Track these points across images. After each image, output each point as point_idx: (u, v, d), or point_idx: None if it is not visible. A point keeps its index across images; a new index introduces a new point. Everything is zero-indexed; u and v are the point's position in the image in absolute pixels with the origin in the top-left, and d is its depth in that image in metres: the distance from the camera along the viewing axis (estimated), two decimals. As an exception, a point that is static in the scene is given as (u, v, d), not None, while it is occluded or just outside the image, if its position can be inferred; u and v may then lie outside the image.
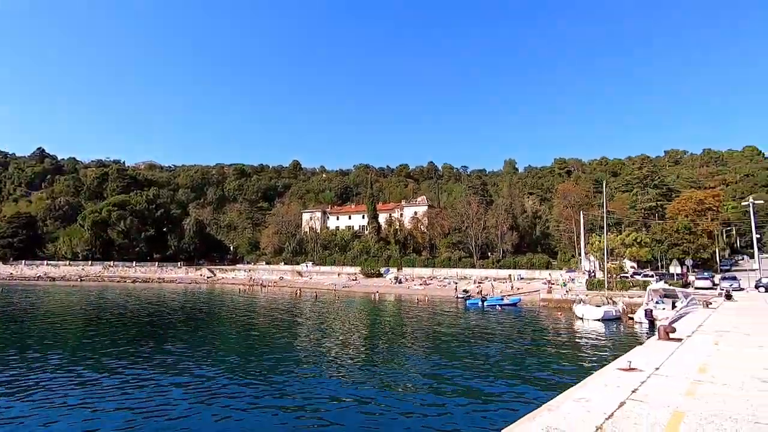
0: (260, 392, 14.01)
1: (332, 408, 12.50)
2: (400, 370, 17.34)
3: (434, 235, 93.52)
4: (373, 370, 17.46)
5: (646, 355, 10.64)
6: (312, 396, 13.63)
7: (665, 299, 31.86)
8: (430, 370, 17.33)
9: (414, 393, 14.16)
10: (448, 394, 13.87)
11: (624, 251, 63.16)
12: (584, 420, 5.73)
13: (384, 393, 14.09)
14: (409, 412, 12.20)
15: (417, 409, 12.42)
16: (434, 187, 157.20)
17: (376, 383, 15.34)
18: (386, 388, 14.73)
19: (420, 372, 17.06)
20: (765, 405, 6.62)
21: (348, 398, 13.44)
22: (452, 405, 12.81)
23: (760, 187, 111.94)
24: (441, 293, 57.33)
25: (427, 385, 15.22)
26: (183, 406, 12.48)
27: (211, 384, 14.91)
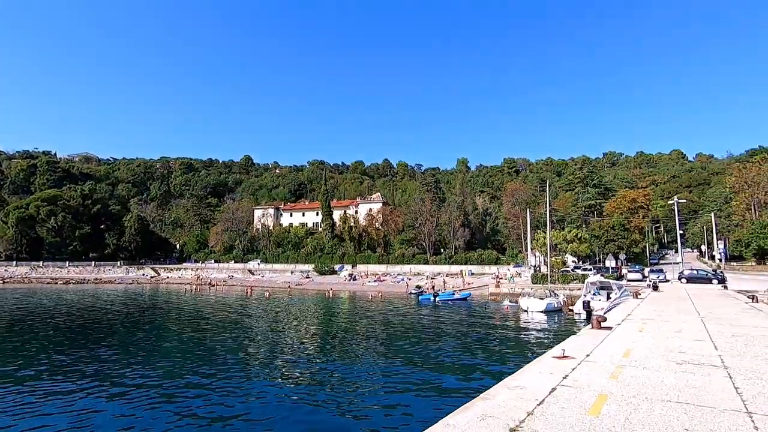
0: (203, 398, 13.45)
1: (281, 409, 12.26)
2: (352, 367, 17.33)
3: (389, 232, 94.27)
4: (325, 367, 17.33)
5: (579, 343, 11.33)
6: (261, 398, 13.28)
7: (601, 291, 34.03)
8: (381, 366, 17.46)
9: (364, 389, 14.21)
10: (397, 389, 14.04)
11: (566, 247, 67.02)
12: (517, 407, 6.00)
13: (335, 389, 14.02)
14: (358, 407, 12.23)
15: (366, 405, 12.46)
16: (389, 185, 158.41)
17: (327, 380, 15.23)
18: (337, 384, 14.67)
19: (371, 367, 17.15)
20: (677, 386, 7.25)
21: (298, 398, 13.24)
22: (399, 398, 12.98)
23: (684, 188, 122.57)
24: (395, 290, 57.91)
25: (378, 379, 15.32)
26: (105, 418, 11.62)
27: (147, 392, 14.10)
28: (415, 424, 10.51)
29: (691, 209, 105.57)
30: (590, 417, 5.59)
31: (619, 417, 5.61)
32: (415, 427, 10.08)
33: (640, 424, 5.38)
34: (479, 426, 5.25)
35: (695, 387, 7.12)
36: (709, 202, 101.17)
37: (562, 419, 5.52)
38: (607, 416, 5.64)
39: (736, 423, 5.44)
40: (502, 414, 5.69)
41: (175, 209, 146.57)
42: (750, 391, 6.90)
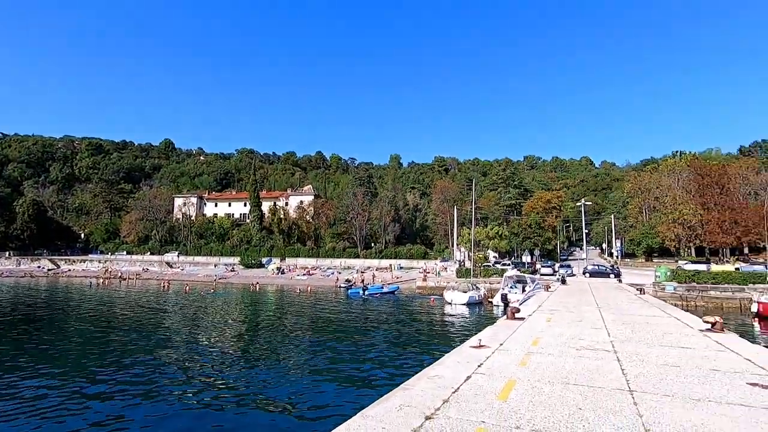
0: (107, 402, 12.29)
1: (199, 410, 11.58)
2: (276, 362, 16.89)
3: (320, 225, 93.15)
4: (247, 363, 16.69)
5: (494, 333, 12.07)
6: (178, 400, 12.43)
7: (517, 284, 36.63)
8: (307, 360, 17.23)
9: (288, 384, 13.90)
10: (323, 383, 13.95)
11: (488, 243, 71.11)
12: (434, 395, 6.23)
13: (257, 386, 13.56)
14: (282, 402, 11.94)
15: (289, 400, 12.21)
16: (322, 178, 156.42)
17: (249, 377, 14.68)
18: (260, 380, 14.20)
19: (296, 362, 16.85)
20: (575, 370, 8.01)
21: (218, 396, 12.59)
22: (324, 393, 12.91)
23: (591, 191, 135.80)
24: (324, 283, 57.44)
25: (303, 374, 15.08)
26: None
27: (37, 401, 12.58)
28: (338, 417, 10.51)
29: (595, 211, 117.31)
30: (499, 402, 5.97)
31: (524, 400, 6.06)
32: (338, 420, 10.10)
33: (541, 405, 5.86)
34: (396, 415, 5.37)
35: (590, 370, 7.92)
36: (611, 205, 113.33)
37: (474, 405, 5.83)
38: (514, 400, 6.06)
39: (620, 400, 6.14)
40: (419, 403, 5.87)
41: (80, 195, 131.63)
42: (632, 372, 7.83)
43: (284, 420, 10.81)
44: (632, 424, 5.19)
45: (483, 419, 5.29)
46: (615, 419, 5.36)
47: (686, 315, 17.27)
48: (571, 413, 5.56)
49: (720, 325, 12.61)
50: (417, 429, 4.94)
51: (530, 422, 5.21)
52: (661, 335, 12.05)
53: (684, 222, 69.20)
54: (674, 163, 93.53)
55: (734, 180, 77.80)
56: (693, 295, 34.94)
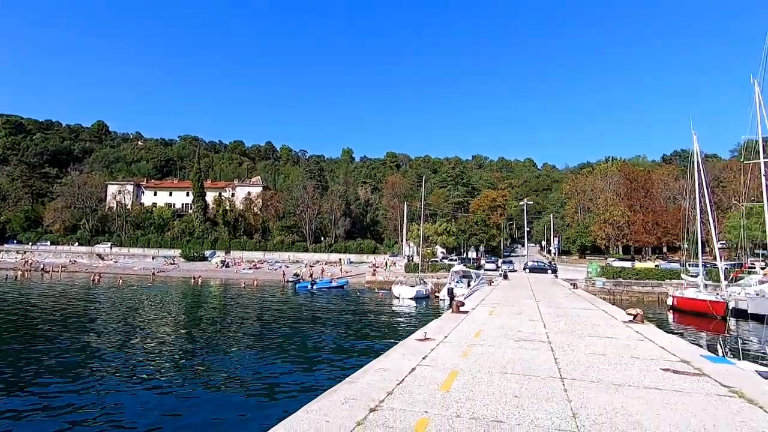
0: (28, 404, 11.22)
1: (134, 411, 10.88)
2: (219, 359, 16.26)
3: (268, 217, 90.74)
4: (186, 360, 15.92)
5: (439, 326, 12.42)
6: (101, 409, 11.59)
7: (463, 279, 37.85)
8: (252, 356, 16.76)
9: (231, 381, 13.44)
10: (268, 379, 13.63)
11: (436, 239, 72.84)
12: (379, 387, 6.30)
13: (197, 383, 12.97)
14: (224, 400, 11.53)
15: (233, 397, 11.82)
16: (271, 169, 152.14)
17: (188, 374, 14.01)
18: (201, 378, 13.60)
19: (240, 358, 16.32)
20: (513, 360, 8.45)
21: (154, 395, 11.90)
22: (270, 389, 12.63)
23: (533, 191, 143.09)
24: (271, 277, 56.13)
25: (247, 370, 14.65)
26: None
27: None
28: (283, 413, 10.34)
29: (536, 210, 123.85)
30: (442, 392, 6.16)
31: (465, 390, 6.29)
32: (283, 417, 9.93)
33: (481, 394, 6.11)
34: (341, 409, 5.37)
35: (526, 360, 8.38)
36: (550, 205, 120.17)
37: (418, 396, 5.97)
38: (456, 390, 6.28)
39: (552, 387, 6.55)
40: (364, 395, 5.91)
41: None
42: (564, 360, 8.39)
43: (225, 418, 10.46)
44: (562, 409, 5.56)
45: (426, 409, 5.43)
46: (547, 405, 5.71)
47: (613, 308, 18.76)
48: (508, 401, 5.85)
49: (640, 317, 13.83)
50: (361, 421, 4.97)
51: (470, 410, 5.42)
52: (590, 326, 12.99)
53: (614, 222, 74.95)
54: (607, 167, 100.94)
55: (657, 185, 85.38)
56: (619, 289, 38.01)
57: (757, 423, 5.19)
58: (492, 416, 5.26)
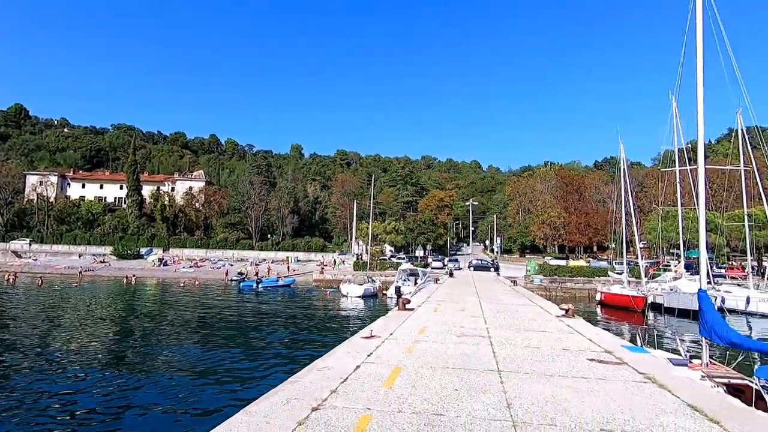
0: None
1: (60, 422, 9.95)
2: (154, 362, 15.32)
3: (211, 213, 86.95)
4: (118, 366, 14.82)
5: (385, 323, 12.55)
6: (24, 421, 10.51)
7: (410, 277, 38.52)
8: (191, 358, 15.96)
9: (168, 385, 12.70)
10: (209, 382, 13.05)
11: (385, 237, 73.51)
12: (323, 386, 6.25)
13: (132, 389, 12.12)
14: (158, 404, 10.87)
15: (168, 401, 11.18)
16: (215, 163, 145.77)
17: (120, 380, 13.05)
18: (134, 382, 12.73)
19: (178, 361, 15.49)
20: (455, 354, 8.72)
21: (81, 404, 10.95)
22: (211, 392, 12.10)
23: (479, 192, 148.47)
24: (214, 276, 53.84)
25: (185, 373, 13.92)
26: None
27: None
28: (223, 417, 9.96)
29: (481, 210, 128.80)
30: (385, 389, 6.23)
31: (407, 386, 6.41)
32: (222, 420, 9.56)
33: (423, 389, 6.26)
34: (282, 409, 5.27)
35: (467, 355, 8.69)
36: (494, 205, 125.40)
37: (361, 393, 5.99)
38: (399, 386, 6.38)
39: (490, 380, 6.85)
40: (307, 395, 5.83)
41: None
42: (502, 354, 8.80)
43: (161, 423, 9.88)
44: (498, 400, 5.83)
45: (369, 406, 5.47)
46: (484, 397, 5.96)
47: (548, 303, 19.95)
48: (448, 394, 6.04)
49: (572, 312, 14.82)
50: (303, 421, 4.91)
51: (411, 406, 5.53)
52: (527, 321, 13.73)
53: (551, 223, 79.74)
54: (545, 171, 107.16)
55: (589, 189, 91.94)
56: (555, 286, 40.52)
57: (666, 405, 5.76)
58: (433, 410, 5.40)
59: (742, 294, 28.77)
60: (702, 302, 10.09)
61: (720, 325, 9.56)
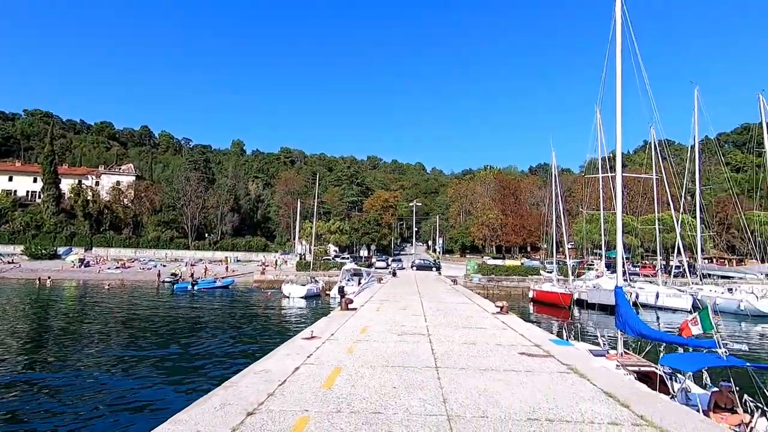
0: None
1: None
2: (73, 372, 13.96)
3: (142, 210, 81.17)
4: (29, 379, 13.33)
5: (327, 324, 12.45)
6: None
7: (354, 277, 38.48)
8: (118, 366, 14.76)
9: (89, 397, 11.64)
10: (136, 390, 12.14)
11: (330, 237, 72.89)
12: (259, 390, 6.07)
13: (48, 403, 10.95)
14: (79, 417, 9.93)
15: (89, 414, 10.25)
16: (147, 157, 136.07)
17: (33, 395, 11.75)
18: (52, 397, 11.51)
19: (102, 371, 14.25)
20: (395, 353, 8.87)
21: None
22: (135, 403, 11.27)
23: (422, 193, 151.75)
24: (144, 277, 50.31)
25: (109, 384, 12.84)
26: None
27: None
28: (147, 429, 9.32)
29: (425, 211, 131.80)
30: (324, 390, 6.19)
31: (347, 386, 6.41)
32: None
33: (362, 388, 6.29)
34: (214, 416, 5.05)
35: (407, 353, 8.86)
36: (437, 207, 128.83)
37: (299, 395, 5.90)
38: (338, 386, 6.36)
39: (428, 376, 7.04)
40: (242, 400, 5.64)
41: None
42: (440, 351, 9.08)
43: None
44: (434, 395, 6.01)
45: (306, 408, 5.40)
46: (422, 393, 6.12)
47: (485, 301, 20.86)
48: (387, 392, 6.13)
49: (506, 309, 15.62)
50: (237, 427, 4.74)
51: (350, 405, 5.55)
52: (465, 319, 14.27)
53: (489, 224, 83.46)
54: (485, 175, 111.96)
55: (524, 193, 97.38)
56: (492, 284, 42.46)
57: (585, 393, 6.27)
58: (371, 408, 5.45)
59: (652, 290, 31.99)
60: (618, 298, 11.09)
61: (632, 318, 10.56)
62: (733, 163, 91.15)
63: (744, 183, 62.43)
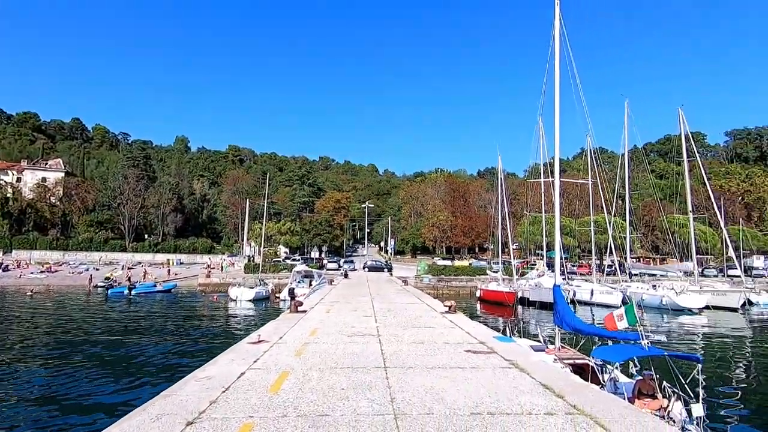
0: None
1: None
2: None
3: (72, 210, 74.96)
4: None
5: (275, 327, 12.17)
6: None
7: (305, 279, 37.86)
8: (38, 381, 13.48)
9: (10, 417, 10.55)
10: (63, 406, 11.16)
11: (280, 238, 71.27)
12: (201, 398, 5.82)
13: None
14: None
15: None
16: (79, 152, 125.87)
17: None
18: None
19: (18, 386, 12.95)
20: (344, 354, 8.84)
21: None
22: (58, 419, 10.37)
23: (375, 195, 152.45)
24: (74, 282, 46.55)
25: (30, 402, 11.70)
26: None
27: None
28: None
29: (377, 213, 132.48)
30: (270, 394, 6.04)
31: (294, 389, 6.30)
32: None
33: (310, 391, 6.22)
34: (150, 427, 4.77)
35: (357, 354, 8.86)
36: (389, 208, 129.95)
37: (244, 402, 5.72)
38: (285, 390, 6.24)
39: (376, 376, 7.09)
40: (182, 409, 5.38)
41: None
42: (389, 351, 9.17)
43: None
44: (382, 395, 6.06)
45: (251, 414, 5.25)
46: (370, 393, 6.15)
47: (435, 301, 21.30)
48: (335, 394, 6.10)
49: (454, 308, 16.07)
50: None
51: (297, 409, 5.46)
52: (414, 319, 14.51)
53: (439, 226, 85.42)
54: (436, 177, 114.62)
55: (473, 195, 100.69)
56: (442, 284, 43.48)
57: (524, 386, 6.60)
58: (319, 411, 5.40)
59: (588, 288, 34.25)
60: (555, 296, 11.78)
61: (568, 314, 11.27)
62: (657, 171, 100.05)
63: (666, 189, 68.56)
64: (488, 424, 5.03)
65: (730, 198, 77.26)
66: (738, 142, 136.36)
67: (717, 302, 32.40)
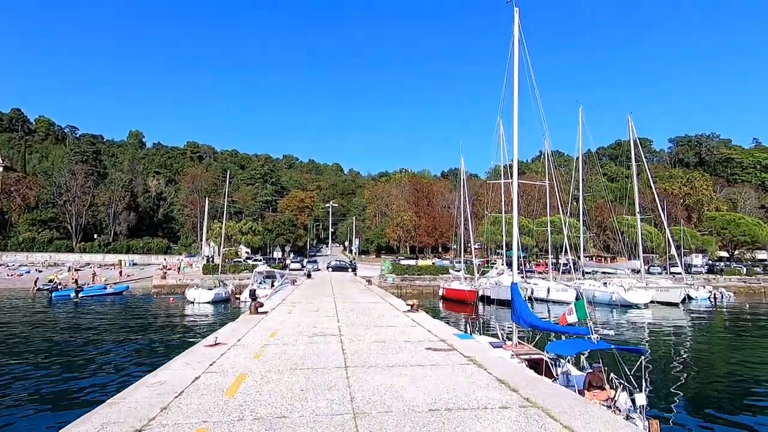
0: None
1: None
2: None
3: (11, 207, 69.70)
4: None
5: (234, 329, 11.83)
6: None
7: (267, 279, 37.08)
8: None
9: None
10: (5, 412, 10.34)
11: (241, 238, 69.43)
12: (151, 404, 5.56)
13: None
14: None
15: None
16: (19, 145, 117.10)
17: None
18: None
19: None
20: (305, 355, 8.73)
21: None
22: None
23: (339, 194, 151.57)
24: (13, 285, 43.37)
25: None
26: None
27: None
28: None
29: (342, 212, 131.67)
30: (226, 398, 5.86)
31: (251, 392, 6.15)
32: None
33: (268, 393, 6.09)
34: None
35: (317, 354, 8.78)
36: (354, 208, 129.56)
37: (198, 407, 5.52)
38: (242, 393, 6.08)
39: (337, 376, 7.05)
40: (129, 416, 5.12)
41: None
42: (350, 350, 9.14)
43: None
44: (342, 395, 6.03)
45: (205, 419, 5.08)
46: (330, 393, 6.11)
47: (398, 300, 21.44)
48: (294, 395, 6.00)
49: (416, 306, 16.24)
50: (121, 447, 4.29)
51: (254, 412, 5.33)
52: (377, 318, 14.55)
53: (403, 226, 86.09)
54: (400, 177, 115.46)
55: (437, 196, 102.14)
56: (405, 284, 43.87)
57: (481, 381, 6.77)
58: (276, 413, 5.30)
59: (544, 285, 35.62)
60: (513, 293, 12.16)
61: (525, 311, 11.67)
62: (609, 174, 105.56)
63: (617, 191, 72.52)
64: (445, 419, 5.12)
65: (673, 200, 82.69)
66: (680, 148, 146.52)
67: (660, 298, 34.64)
